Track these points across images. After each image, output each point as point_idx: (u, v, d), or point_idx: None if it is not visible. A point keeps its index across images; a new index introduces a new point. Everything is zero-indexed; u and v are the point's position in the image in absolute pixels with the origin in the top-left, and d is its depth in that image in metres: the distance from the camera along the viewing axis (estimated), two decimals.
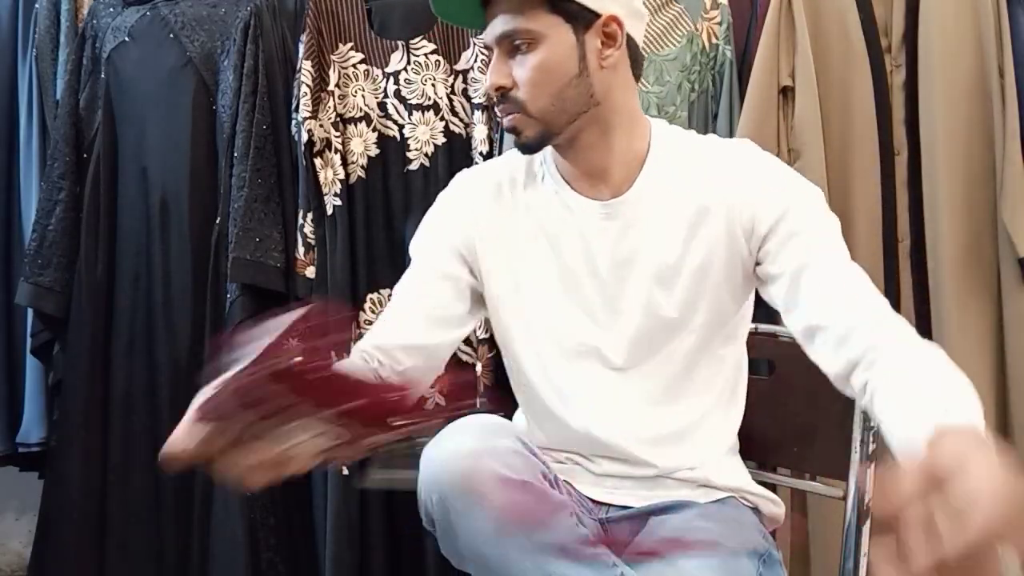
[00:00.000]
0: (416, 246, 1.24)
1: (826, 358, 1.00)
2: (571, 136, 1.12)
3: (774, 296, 1.09)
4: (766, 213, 1.08)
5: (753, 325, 1.30)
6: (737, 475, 1.19)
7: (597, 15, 1.09)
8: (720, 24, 1.87)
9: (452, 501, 0.97)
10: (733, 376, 1.20)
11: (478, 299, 1.22)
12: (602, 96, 1.11)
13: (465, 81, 1.87)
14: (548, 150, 1.17)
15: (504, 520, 0.95)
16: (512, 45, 1.09)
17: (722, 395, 1.18)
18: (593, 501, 1.15)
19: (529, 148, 1.13)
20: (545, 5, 1.08)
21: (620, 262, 1.13)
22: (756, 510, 1.20)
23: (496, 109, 1.13)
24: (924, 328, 1.76)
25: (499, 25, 1.09)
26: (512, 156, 1.23)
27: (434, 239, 1.22)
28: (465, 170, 1.27)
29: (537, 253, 1.17)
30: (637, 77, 1.16)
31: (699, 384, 1.16)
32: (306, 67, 1.84)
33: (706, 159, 1.13)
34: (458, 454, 0.98)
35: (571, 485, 1.15)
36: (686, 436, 1.15)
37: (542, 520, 0.96)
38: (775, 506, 1.23)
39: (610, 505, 1.15)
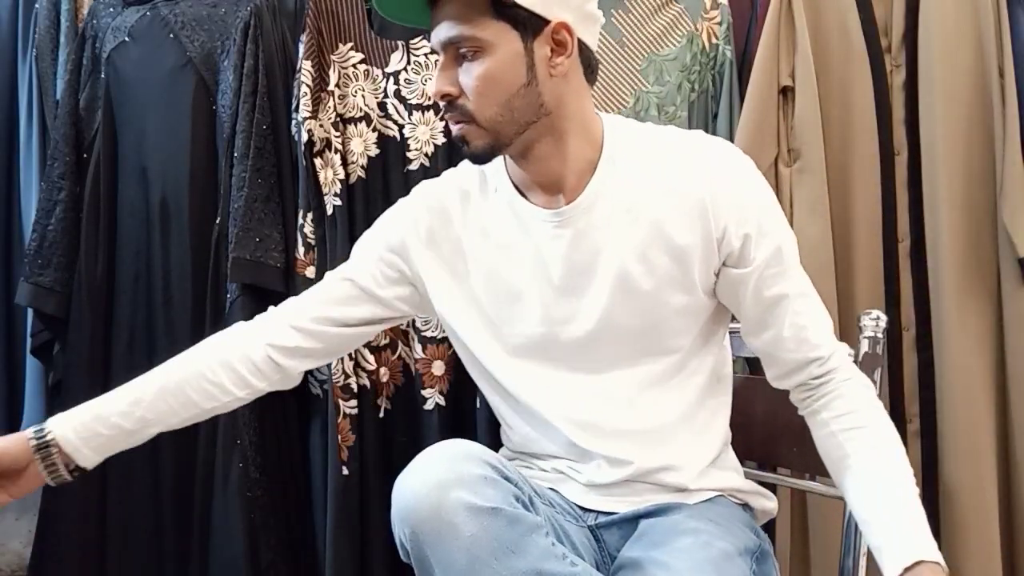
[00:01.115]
0: (357, 248, 1.25)
1: (773, 376, 1.16)
2: (523, 146, 1.09)
3: (731, 306, 1.14)
4: (738, 226, 1.08)
5: None
6: (724, 476, 1.19)
7: (546, 22, 1.05)
8: (720, 24, 1.87)
9: (424, 534, 0.96)
10: (711, 376, 1.19)
11: (389, 317, 1.24)
12: (553, 105, 1.08)
13: None
14: (502, 159, 1.15)
15: (475, 550, 0.93)
16: (458, 52, 1.06)
17: (701, 396, 1.17)
18: (583, 508, 1.15)
19: (478, 158, 1.10)
20: (491, 12, 1.04)
21: (576, 271, 1.12)
22: (746, 506, 1.20)
23: (445, 117, 1.10)
24: (924, 328, 1.76)
25: (444, 31, 1.06)
26: (467, 167, 1.22)
27: (373, 252, 1.23)
28: (424, 181, 1.26)
29: (491, 267, 1.15)
30: (592, 82, 1.13)
31: (673, 386, 1.15)
32: (306, 67, 1.84)
33: (666, 161, 1.11)
34: (427, 486, 0.96)
35: (559, 493, 1.15)
36: (664, 436, 1.14)
37: (515, 545, 0.95)
38: (767, 500, 1.22)
39: (599, 512, 1.14)
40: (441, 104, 1.08)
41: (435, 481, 0.96)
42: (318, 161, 1.85)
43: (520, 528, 0.96)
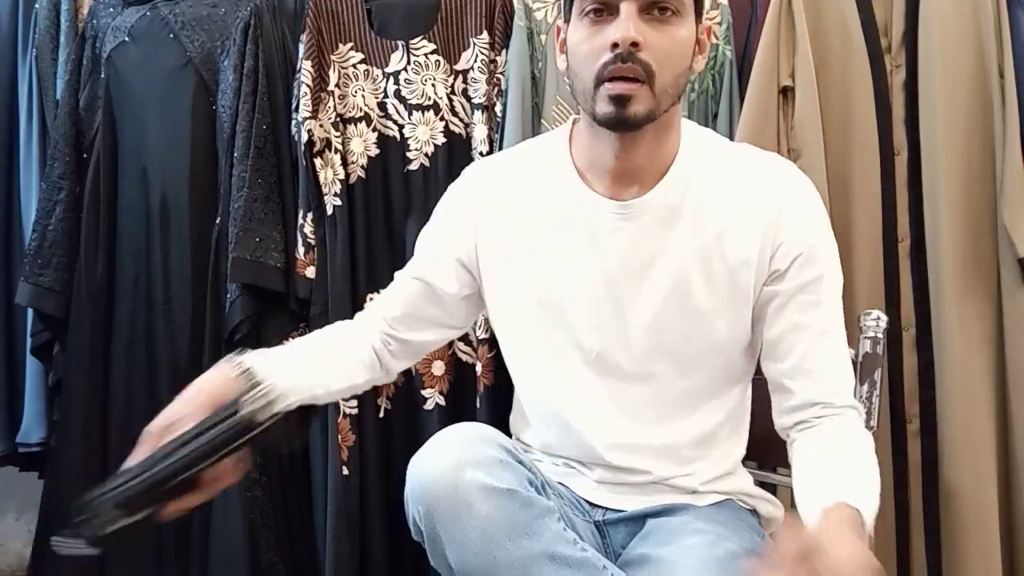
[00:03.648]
0: (419, 243, 1.24)
1: (779, 410, 1.13)
2: (648, 128, 1.06)
3: (758, 329, 1.12)
4: (792, 246, 1.08)
5: None
6: (734, 480, 1.19)
7: (701, 20, 1.08)
8: (720, 24, 1.87)
9: (438, 513, 0.96)
10: (741, 395, 1.19)
11: (470, 304, 1.22)
12: (680, 97, 1.09)
13: (465, 81, 1.87)
14: (567, 142, 1.14)
15: (490, 530, 0.94)
16: (652, 7, 1.02)
17: (729, 414, 1.17)
18: (590, 503, 1.15)
19: (632, 123, 1.04)
20: None
21: (634, 267, 1.10)
22: (754, 512, 1.20)
23: (610, 68, 1.02)
24: (924, 328, 1.76)
25: None
26: (527, 148, 1.20)
27: (435, 244, 1.22)
28: (477, 162, 1.25)
29: (546, 251, 1.13)
30: None
31: (708, 402, 1.15)
32: (306, 67, 1.84)
33: (740, 173, 1.11)
34: (442, 466, 0.97)
35: (567, 487, 1.15)
36: (687, 452, 1.14)
37: (528, 528, 0.95)
38: (774, 508, 1.23)
39: (607, 508, 1.14)
40: (624, 52, 1.02)
41: (452, 461, 0.97)
42: (318, 161, 1.85)
43: (534, 511, 0.96)
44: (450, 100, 1.87)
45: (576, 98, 1.10)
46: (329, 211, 1.84)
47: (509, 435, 1.25)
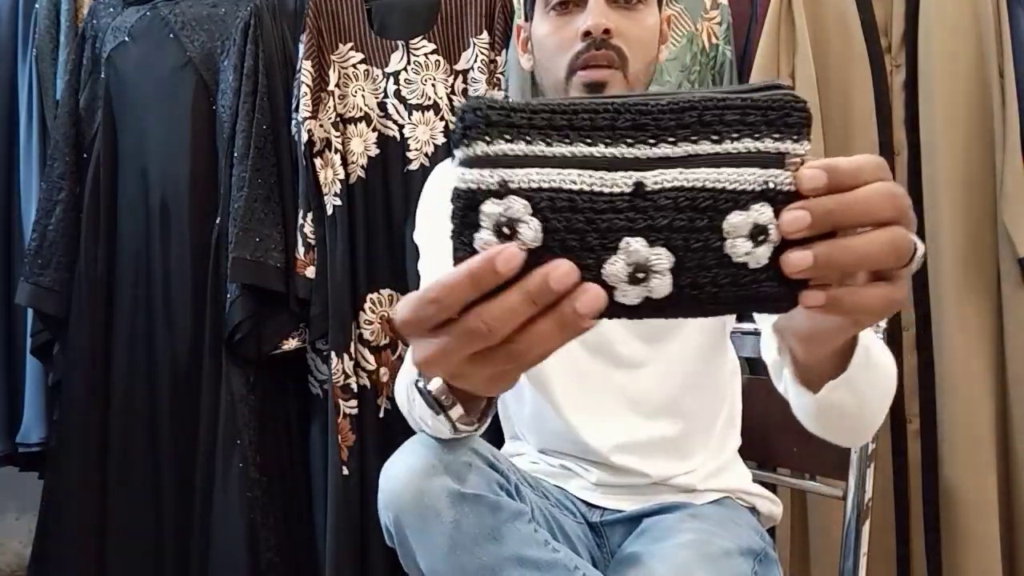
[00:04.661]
0: (422, 234, 1.24)
1: (767, 345, 0.97)
2: None
3: None
4: None
5: (753, 326, 1.30)
6: (734, 477, 1.19)
7: (663, 8, 1.10)
8: (720, 24, 1.87)
9: (407, 520, 0.96)
10: (732, 383, 1.20)
11: None
12: (648, 87, 1.10)
13: (465, 81, 1.87)
14: None
15: (457, 536, 0.93)
16: None
17: (729, 405, 1.18)
18: (588, 504, 1.15)
19: None
20: None
21: None
22: (753, 509, 1.20)
23: (583, 56, 1.04)
24: (924, 328, 1.76)
25: None
26: None
27: (437, 225, 1.20)
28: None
29: None
30: None
31: (706, 389, 1.15)
32: (306, 67, 1.84)
33: None
34: (411, 472, 0.96)
35: (563, 488, 1.15)
36: (683, 447, 1.15)
37: (495, 532, 0.94)
38: (773, 505, 1.23)
39: (605, 508, 1.15)
40: (597, 39, 1.03)
41: (419, 468, 0.96)
42: (318, 161, 1.85)
43: (502, 515, 0.95)
44: (450, 100, 1.87)
45: (546, 93, 1.11)
46: (329, 211, 1.84)
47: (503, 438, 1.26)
